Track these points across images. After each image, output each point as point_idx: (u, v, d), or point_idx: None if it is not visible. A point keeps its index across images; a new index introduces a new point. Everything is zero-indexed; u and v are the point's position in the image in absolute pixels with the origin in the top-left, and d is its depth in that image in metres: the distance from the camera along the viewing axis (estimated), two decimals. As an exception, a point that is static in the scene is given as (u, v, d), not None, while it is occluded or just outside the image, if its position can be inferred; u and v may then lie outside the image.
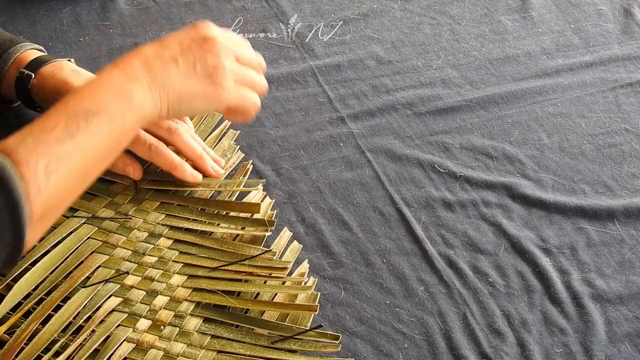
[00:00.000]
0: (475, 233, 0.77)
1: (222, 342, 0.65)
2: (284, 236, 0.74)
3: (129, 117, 0.60)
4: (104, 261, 0.71)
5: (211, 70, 0.66)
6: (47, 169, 0.53)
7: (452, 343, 0.67)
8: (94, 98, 0.58)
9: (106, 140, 0.58)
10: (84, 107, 0.57)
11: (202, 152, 0.76)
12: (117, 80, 0.60)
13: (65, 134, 0.55)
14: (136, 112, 0.61)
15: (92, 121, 0.56)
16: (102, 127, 0.57)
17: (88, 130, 0.56)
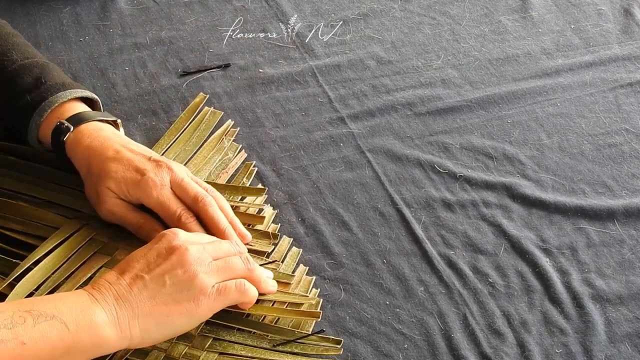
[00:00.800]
0: (475, 233, 0.77)
1: (224, 344, 0.65)
2: (284, 243, 0.74)
3: (85, 335, 0.57)
4: (106, 262, 0.71)
5: (184, 283, 0.61)
6: None
7: (452, 343, 0.68)
8: (54, 305, 0.57)
9: (51, 343, 0.55)
10: (40, 308, 0.56)
11: (227, 226, 0.70)
12: (83, 299, 0.59)
13: (8, 322, 0.54)
14: (94, 334, 0.57)
15: (42, 323, 0.55)
16: (52, 332, 0.55)
17: (33, 328, 0.55)
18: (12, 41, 0.79)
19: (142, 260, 0.62)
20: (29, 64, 0.77)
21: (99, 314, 0.58)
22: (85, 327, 0.57)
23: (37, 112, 0.74)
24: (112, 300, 0.59)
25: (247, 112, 0.89)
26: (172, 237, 0.63)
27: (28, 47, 0.81)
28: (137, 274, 0.61)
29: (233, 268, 0.64)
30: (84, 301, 0.58)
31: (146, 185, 0.69)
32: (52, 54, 0.94)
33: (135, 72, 0.93)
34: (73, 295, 0.59)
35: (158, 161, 0.71)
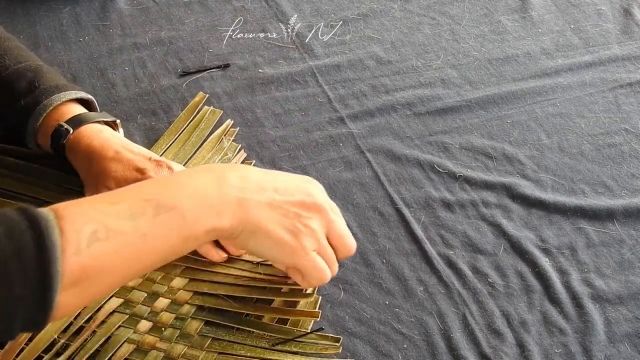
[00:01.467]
0: (475, 233, 0.77)
1: (223, 344, 0.65)
2: None
3: (203, 225, 0.56)
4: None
5: (300, 226, 0.62)
6: (94, 235, 0.50)
7: (452, 343, 0.68)
8: (172, 191, 0.55)
9: (170, 237, 0.55)
10: (158, 196, 0.54)
11: None
12: (207, 186, 0.57)
13: (128, 213, 0.52)
14: (212, 224, 0.57)
15: (163, 214, 0.54)
16: (170, 223, 0.54)
17: (154, 220, 0.53)
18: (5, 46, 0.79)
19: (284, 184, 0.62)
20: (22, 69, 0.77)
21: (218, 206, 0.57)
22: (202, 218, 0.56)
23: (32, 117, 0.74)
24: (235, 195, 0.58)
25: (247, 112, 0.89)
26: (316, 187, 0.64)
27: (21, 50, 0.81)
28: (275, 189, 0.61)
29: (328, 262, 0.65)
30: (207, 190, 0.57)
31: None
32: (51, 54, 0.94)
33: (135, 72, 0.93)
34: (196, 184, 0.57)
35: (158, 161, 0.72)
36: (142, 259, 0.54)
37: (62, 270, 0.48)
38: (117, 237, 0.51)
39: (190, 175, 0.59)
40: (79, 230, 0.50)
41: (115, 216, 0.52)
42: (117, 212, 0.52)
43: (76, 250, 0.49)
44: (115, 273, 0.53)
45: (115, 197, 0.54)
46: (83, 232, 0.50)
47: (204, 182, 0.58)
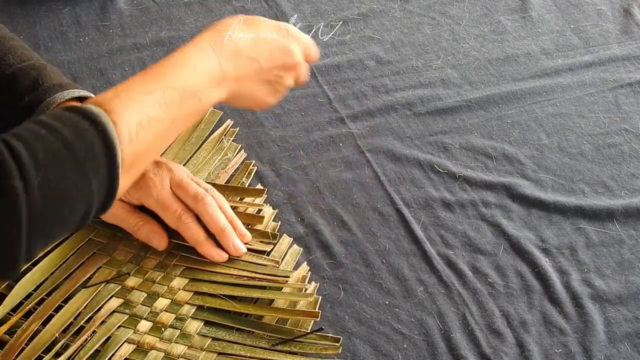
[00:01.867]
0: (475, 233, 0.77)
1: (223, 344, 0.65)
2: (284, 242, 0.74)
3: (211, 101, 0.66)
4: (105, 262, 0.71)
5: (279, 88, 0.72)
6: (139, 124, 0.57)
7: (452, 343, 0.68)
8: (191, 78, 0.63)
9: (189, 116, 0.64)
10: (182, 84, 0.62)
11: (226, 225, 0.71)
12: (212, 67, 0.65)
13: (161, 102, 0.60)
14: (215, 99, 0.66)
15: (186, 100, 0.62)
16: (191, 106, 0.63)
17: (180, 105, 0.61)
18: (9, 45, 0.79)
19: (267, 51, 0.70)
20: (25, 67, 0.77)
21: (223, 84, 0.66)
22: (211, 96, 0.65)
23: (35, 114, 0.74)
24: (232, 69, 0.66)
25: (247, 112, 0.89)
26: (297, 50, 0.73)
27: (25, 49, 0.81)
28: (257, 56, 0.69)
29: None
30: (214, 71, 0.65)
31: (145, 186, 0.70)
32: (51, 55, 0.94)
33: (135, 72, 0.92)
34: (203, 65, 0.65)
35: (157, 162, 0.72)
36: (170, 139, 0.65)
37: (122, 159, 0.55)
38: (156, 124, 0.59)
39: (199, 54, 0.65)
40: (128, 122, 0.56)
41: (153, 106, 0.59)
42: (153, 102, 0.59)
43: (129, 140, 0.56)
44: (154, 153, 0.63)
45: (147, 85, 0.60)
46: (132, 123, 0.56)
47: (209, 62, 0.65)
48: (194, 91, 0.63)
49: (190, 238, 0.71)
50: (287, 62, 0.71)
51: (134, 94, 0.58)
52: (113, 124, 0.55)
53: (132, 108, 0.57)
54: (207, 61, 0.65)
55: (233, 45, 0.67)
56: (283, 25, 0.73)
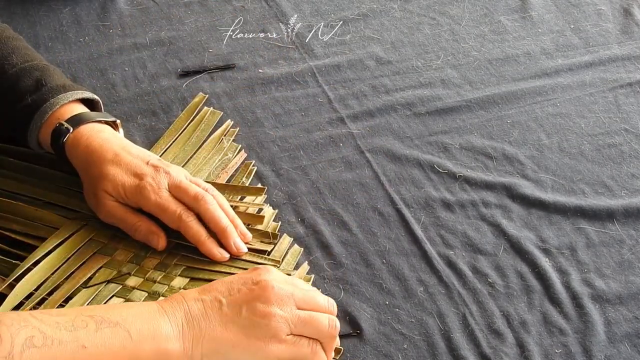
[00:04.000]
0: (475, 233, 0.77)
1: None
2: (284, 242, 0.74)
3: (148, 345, 0.55)
4: (105, 262, 0.71)
5: (259, 319, 0.57)
6: (30, 341, 0.50)
7: (452, 343, 0.68)
8: (119, 313, 0.55)
9: (112, 349, 0.54)
10: (104, 314, 0.55)
11: (228, 224, 0.71)
12: (151, 309, 0.57)
13: (69, 325, 0.52)
14: (157, 345, 0.56)
15: (104, 329, 0.54)
16: (114, 338, 0.54)
17: (95, 333, 0.53)
18: (12, 45, 0.80)
19: (226, 285, 0.59)
20: (29, 67, 0.77)
21: (164, 326, 0.56)
22: (148, 337, 0.55)
23: (38, 114, 0.74)
24: (181, 315, 0.57)
25: (247, 112, 0.89)
26: (264, 271, 0.60)
27: (28, 50, 0.81)
28: (216, 297, 0.58)
29: (315, 325, 0.59)
30: (151, 312, 0.57)
31: (144, 190, 0.70)
32: (51, 55, 0.94)
33: (135, 72, 0.93)
34: (140, 305, 0.58)
35: (156, 165, 0.72)
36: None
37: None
38: (54, 345, 0.51)
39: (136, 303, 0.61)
40: (14, 334, 0.49)
41: (55, 326, 0.52)
42: (56, 323, 0.52)
43: (8, 355, 0.49)
44: None
45: (58, 311, 0.54)
46: (18, 337, 0.49)
47: (149, 307, 0.58)
48: (117, 321, 0.54)
49: (192, 237, 0.71)
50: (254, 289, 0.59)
51: (40, 313, 0.52)
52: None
53: (26, 322, 0.50)
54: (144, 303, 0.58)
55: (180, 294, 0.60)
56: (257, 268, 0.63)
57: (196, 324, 0.57)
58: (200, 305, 0.58)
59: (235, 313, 0.57)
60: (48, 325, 0.51)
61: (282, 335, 0.58)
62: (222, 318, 0.57)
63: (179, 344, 0.56)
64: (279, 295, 0.59)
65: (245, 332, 0.57)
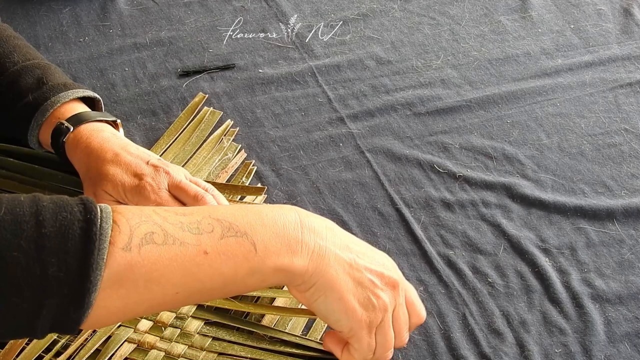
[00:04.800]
0: (475, 233, 0.77)
1: (223, 344, 0.65)
2: None
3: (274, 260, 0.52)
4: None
5: (372, 300, 0.57)
6: (150, 236, 0.47)
7: (452, 343, 0.68)
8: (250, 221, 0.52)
9: (235, 263, 0.50)
10: (233, 220, 0.51)
11: None
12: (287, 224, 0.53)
13: (194, 227, 0.49)
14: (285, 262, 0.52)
15: (231, 237, 0.50)
16: (237, 247, 0.50)
17: (220, 241, 0.50)
18: (14, 43, 0.80)
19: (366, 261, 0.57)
20: (30, 65, 0.77)
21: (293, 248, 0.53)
22: (273, 254, 0.51)
23: (39, 112, 0.74)
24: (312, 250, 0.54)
25: (247, 112, 0.89)
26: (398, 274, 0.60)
27: (29, 49, 0.81)
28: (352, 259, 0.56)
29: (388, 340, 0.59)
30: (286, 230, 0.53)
31: (144, 190, 0.70)
32: (51, 55, 0.94)
33: (135, 72, 0.93)
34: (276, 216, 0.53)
35: (156, 165, 0.71)
36: (198, 278, 0.50)
37: (106, 262, 0.45)
38: (176, 245, 0.48)
39: (272, 209, 0.54)
40: (134, 227, 0.47)
41: (179, 226, 0.49)
42: (181, 222, 0.49)
43: (126, 246, 0.46)
44: (166, 284, 0.48)
45: (185, 209, 0.51)
46: (138, 230, 0.47)
47: (285, 218, 0.54)
48: (245, 231, 0.51)
49: None
50: (385, 273, 0.58)
51: (161, 210, 0.49)
52: (113, 222, 0.46)
53: (148, 217, 0.48)
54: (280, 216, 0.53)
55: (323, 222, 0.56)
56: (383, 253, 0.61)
57: (326, 255, 0.54)
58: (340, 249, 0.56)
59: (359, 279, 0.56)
60: (171, 223, 0.48)
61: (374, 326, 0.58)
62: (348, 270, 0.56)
63: (303, 263, 0.53)
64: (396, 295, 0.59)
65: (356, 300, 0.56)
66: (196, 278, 0.49)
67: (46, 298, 0.43)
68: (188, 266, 0.48)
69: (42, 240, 0.43)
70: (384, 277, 0.58)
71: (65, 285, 0.43)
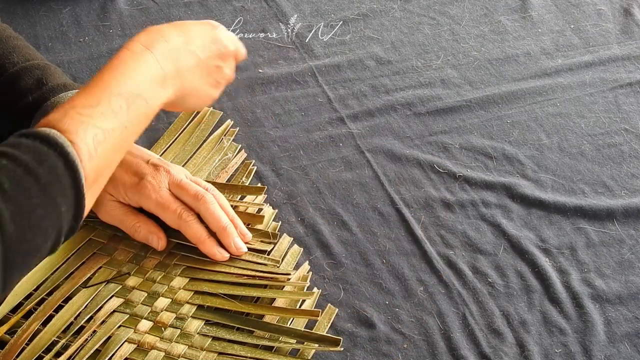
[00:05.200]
0: (475, 233, 0.77)
1: (223, 344, 0.65)
2: (284, 242, 0.74)
3: (158, 102, 0.64)
4: (105, 262, 0.71)
5: (219, 80, 0.71)
6: (95, 138, 0.56)
7: (452, 343, 0.68)
8: (134, 81, 0.62)
9: (140, 120, 0.62)
10: (126, 89, 0.61)
11: (228, 224, 0.71)
12: (151, 67, 0.64)
13: (109, 112, 0.59)
14: (163, 100, 0.65)
15: (133, 104, 0.61)
16: (140, 109, 0.61)
17: (128, 111, 0.60)
18: (13, 44, 0.80)
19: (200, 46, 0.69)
20: (30, 66, 0.77)
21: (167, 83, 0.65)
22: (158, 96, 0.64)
23: (39, 113, 0.74)
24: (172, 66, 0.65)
25: (247, 112, 0.89)
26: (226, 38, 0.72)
27: (29, 49, 0.81)
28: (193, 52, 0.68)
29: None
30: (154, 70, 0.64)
31: (144, 188, 0.70)
32: (51, 55, 0.94)
33: (135, 72, 0.93)
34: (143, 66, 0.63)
35: (156, 164, 0.72)
36: (125, 147, 0.62)
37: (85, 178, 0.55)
38: (110, 135, 0.58)
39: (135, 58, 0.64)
40: (84, 138, 0.56)
41: (103, 117, 0.58)
42: (102, 114, 0.58)
43: (89, 157, 0.55)
44: (113, 165, 0.61)
45: (92, 98, 0.59)
46: (88, 139, 0.56)
47: (147, 64, 0.64)
48: (138, 93, 0.62)
49: (193, 236, 0.71)
50: (222, 51, 0.71)
51: (81, 109, 0.57)
52: (71, 143, 0.54)
53: (85, 124, 0.56)
54: (145, 63, 0.64)
55: (167, 43, 0.67)
56: (208, 22, 0.73)
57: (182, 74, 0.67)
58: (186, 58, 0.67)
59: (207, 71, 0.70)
60: (98, 118, 0.58)
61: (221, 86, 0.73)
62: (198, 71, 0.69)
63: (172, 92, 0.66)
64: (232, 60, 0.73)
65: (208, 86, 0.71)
66: (125, 146, 0.62)
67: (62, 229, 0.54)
68: (120, 144, 0.60)
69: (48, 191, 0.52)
70: (222, 55, 0.71)
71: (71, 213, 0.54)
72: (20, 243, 0.50)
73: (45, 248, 0.53)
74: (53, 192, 0.52)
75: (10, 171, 0.51)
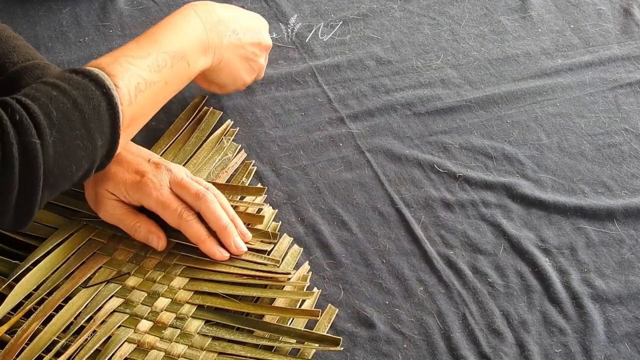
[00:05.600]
0: (475, 233, 0.77)
1: (223, 344, 0.65)
2: (284, 242, 0.74)
3: (198, 67, 0.72)
4: (105, 262, 0.71)
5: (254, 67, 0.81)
6: (137, 87, 0.63)
7: (452, 343, 0.68)
8: (182, 43, 0.69)
9: (180, 80, 0.70)
10: (173, 48, 0.68)
11: (228, 223, 0.71)
12: (199, 33, 0.71)
13: (155, 65, 0.65)
14: (202, 66, 0.72)
15: (177, 63, 0.68)
16: (181, 70, 0.69)
17: (171, 69, 0.67)
18: (13, 44, 0.80)
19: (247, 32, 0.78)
20: (30, 66, 0.77)
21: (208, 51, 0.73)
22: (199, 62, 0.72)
23: None
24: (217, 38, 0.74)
25: (247, 112, 0.89)
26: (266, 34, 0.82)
27: (29, 49, 0.81)
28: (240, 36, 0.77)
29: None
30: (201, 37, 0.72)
31: (145, 187, 0.70)
32: (51, 55, 0.94)
33: (135, 72, 0.93)
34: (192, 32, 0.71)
35: (157, 163, 0.72)
36: (162, 102, 0.70)
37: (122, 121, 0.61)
38: (152, 87, 0.65)
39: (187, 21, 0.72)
40: (128, 85, 0.62)
41: (148, 69, 0.65)
42: (148, 66, 0.65)
43: (129, 102, 0.62)
44: (148, 115, 0.68)
45: (141, 50, 0.66)
46: (131, 86, 0.62)
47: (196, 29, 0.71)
48: (183, 55, 0.68)
49: (193, 236, 0.71)
50: (262, 42, 0.79)
51: (130, 58, 0.64)
52: (115, 86, 0.60)
53: (130, 72, 0.63)
54: (194, 28, 0.71)
55: (217, 16, 0.73)
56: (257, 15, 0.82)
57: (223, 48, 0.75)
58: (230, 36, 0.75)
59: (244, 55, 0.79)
60: (144, 70, 0.64)
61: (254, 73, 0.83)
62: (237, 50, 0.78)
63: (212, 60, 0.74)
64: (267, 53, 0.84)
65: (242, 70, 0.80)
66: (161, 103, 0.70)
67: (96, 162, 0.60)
68: (159, 98, 0.68)
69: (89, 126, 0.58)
70: (261, 46, 0.80)
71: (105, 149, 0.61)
72: (58, 168, 0.56)
73: (77, 176, 0.59)
74: (93, 128, 0.58)
75: (60, 103, 0.57)
